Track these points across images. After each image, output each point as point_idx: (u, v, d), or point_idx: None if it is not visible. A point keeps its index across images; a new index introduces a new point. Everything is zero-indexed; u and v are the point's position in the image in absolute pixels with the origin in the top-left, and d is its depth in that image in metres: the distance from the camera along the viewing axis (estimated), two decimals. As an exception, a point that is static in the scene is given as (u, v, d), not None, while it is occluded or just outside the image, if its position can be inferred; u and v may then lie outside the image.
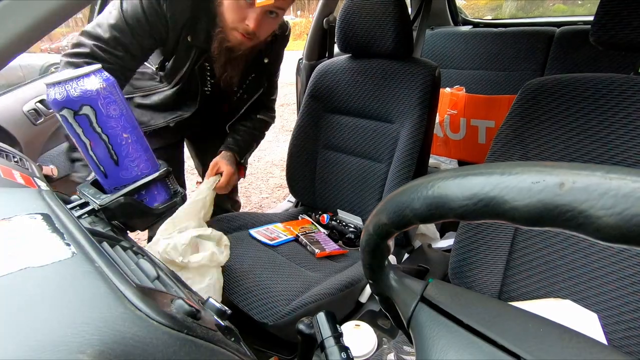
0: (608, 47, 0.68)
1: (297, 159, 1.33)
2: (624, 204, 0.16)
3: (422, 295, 0.32)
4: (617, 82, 0.68)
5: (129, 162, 0.43)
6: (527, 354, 0.24)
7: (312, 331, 0.42)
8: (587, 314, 0.52)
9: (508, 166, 0.21)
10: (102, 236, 0.37)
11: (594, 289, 0.67)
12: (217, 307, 0.37)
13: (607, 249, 0.66)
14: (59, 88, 0.38)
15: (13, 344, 0.20)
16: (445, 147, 1.88)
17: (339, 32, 1.19)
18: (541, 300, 0.57)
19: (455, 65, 2.00)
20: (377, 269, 0.33)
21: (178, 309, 0.29)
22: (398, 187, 0.27)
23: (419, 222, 0.25)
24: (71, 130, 0.40)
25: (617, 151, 0.67)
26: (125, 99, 0.44)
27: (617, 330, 0.64)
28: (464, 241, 0.80)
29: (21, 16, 0.46)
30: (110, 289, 0.25)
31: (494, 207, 0.20)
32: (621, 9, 0.65)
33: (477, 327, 0.27)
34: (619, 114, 0.67)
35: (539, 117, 0.74)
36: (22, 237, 0.28)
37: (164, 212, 0.47)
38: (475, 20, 2.30)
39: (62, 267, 0.26)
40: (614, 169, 0.18)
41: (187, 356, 0.25)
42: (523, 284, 0.74)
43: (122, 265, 0.32)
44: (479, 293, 0.32)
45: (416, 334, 0.30)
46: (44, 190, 0.37)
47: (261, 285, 0.95)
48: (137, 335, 0.23)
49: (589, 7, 5.90)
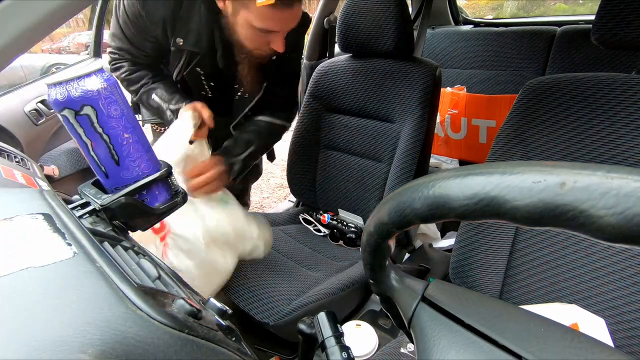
0: (609, 46, 0.68)
1: (298, 159, 1.33)
2: (625, 203, 0.16)
3: (423, 295, 0.32)
4: (618, 82, 0.68)
5: (130, 162, 0.43)
6: (529, 354, 0.24)
7: (312, 331, 0.42)
8: (594, 319, 0.51)
9: (509, 166, 0.21)
10: (103, 236, 0.37)
11: (595, 289, 0.67)
12: (218, 307, 0.37)
13: (609, 249, 0.66)
14: (60, 88, 0.38)
15: (14, 343, 0.20)
16: (446, 147, 1.88)
17: (339, 31, 1.19)
18: (546, 304, 0.57)
19: (456, 65, 2.00)
20: (378, 268, 0.33)
21: (179, 309, 0.29)
22: (399, 187, 0.27)
23: (420, 222, 0.25)
24: (72, 130, 0.40)
25: (618, 151, 0.67)
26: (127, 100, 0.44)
27: (619, 330, 0.64)
28: (465, 241, 0.80)
29: (22, 16, 0.46)
30: (111, 289, 0.25)
31: (494, 206, 0.20)
32: (622, 8, 0.64)
33: (478, 327, 0.27)
34: (620, 113, 0.67)
35: (540, 116, 0.74)
36: (24, 237, 0.28)
37: (165, 212, 0.47)
38: (476, 20, 2.30)
39: (63, 267, 0.26)
40: (615, 169, 0.17)
41: (188, 356, 0.25)
42: (524, 284, 0.73)
43: (123, 265, 0.32)
44: (480, 293, 0.32)
45: (417, 334, 0.30)
46: (45, 191, 0.37)
47: (262, 285, 0.95)
48: (139, 335, 0.23)
49: (590, 7, 5.88)
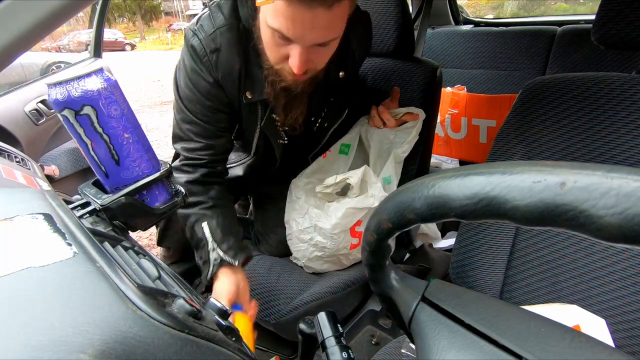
0: (609, 46, 0.68)
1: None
2: (626, 203, 0.16)
3: (423, 295, 0.32)
4: (618, 82, 0.68)
5: (130, 162, 0.43)
6: (529, 354, 0.24)
7: (313, 331, 0.42)
8: (594, 320, 0.51)
9: (509, 166, 0.21)
10: (104, 236, 0.37)
11: (595, 289, 0.67)
12: (218, 307, 0.37)
13: (609, 249, 0.66)
14: (61, 88, 0.38)
15: (14, 343, 0.20)
16: (447, 147, 1.88)
17: (339, 31, 1.19)
18: (547, 305, 0.57)
19: (456, 65, 1.99)
20: (378, 268, 0.33)
21: (179, 309, 0.29)
22: (399, 186, 0.27)
23: (420, 222, 0.25)
24: (72, 130, 0.40)
25: (619, 150, 0.67)
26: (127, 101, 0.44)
27: (620, 330, 0.64)
28: (465, 241, 0.80)
29: (23, 16, 0.46)
30: (111, 289, 0.25)
31: (495, 206, 0.20)
32: (623, 7, 0.64)
33: (478, 327, 0.27)
34: (620, 113, 0.67)
35: (540, 116, 0.74)
36: (24, 237, 0.28)
37: (165, 211, 0.47)
38: (476, 20, 2.30)
39: (63, 267, 0.26)
40: (615, 169, 0.17)
41: (188, 356, 0.25)
42: (524, 284, 0.73)
43: (123, 265, 0.32)
44: (480, 293, 0.32)
45: (417, 334, 0.30)
46: (45, 191, 0.37)
47: (262, 283, 0.95)
48: (139, 335, 0.23)
49: (590, 6, 5.89)
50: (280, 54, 0.70)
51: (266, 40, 0.71)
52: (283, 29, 0.65)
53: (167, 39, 28.36)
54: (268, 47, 0.72)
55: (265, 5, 0.65)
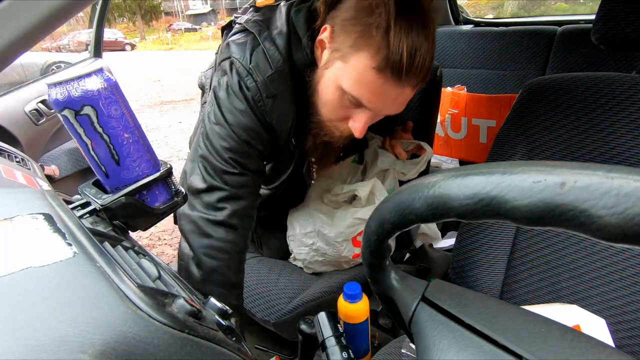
0: (609, 46, 0.68)
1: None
2: (626, 203, 0.16)
3: (423, 294, 0.32)
4: (618, 82, 0.68)
5: (130, 162, 0.43)
6: (529, 354, 0.24)
7: (313, 331, 0.42)
8: (594, 320, 0.51)
9: (509, 166, 0.21)
10: (104, 236, 0.37)
11: (596, 289, 0.67)
12: (219, 307, 0.37)
13: (609, 249, 0.66)
14: (61, 88, 0.38)
15: (14, 343, 0.20)
16: (447, 147, 1.87)
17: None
18: (547, 305, 0.57)
19: (456, 65, 1.99)
20: (378, 268, 0.33)
21: (179, 309, 0.29)
22: (399, 187, 0.27)
23: (420, 222, 0.25)
24: (72, 130, 0.40)
25: (619, 150, 0.67)
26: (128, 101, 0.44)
27: (620, 330, 0.64)
28: (465, 241, 0.80)
29: (23, 16, 0.46)
30: (111, 289, 0.25)
31: (495, 206, 0.20)
32: (622, 7, 0.64)
33: (478, 327, 0.27)
34: (620, 113, 0.67)
35: (540, 116, 0.74)
36: (24, 237, 0.28)
37: (166, 211, 0.47)
38: (476, 20, 2.30)
39: (63, 266, 0.26)
40: (615, 169, 0.17)
41: (188, 356, 0.25)
42: (525, 284, 0.73)
43: (123, 265, 0.32)
44: (481, 293, 0.32)
45: (417, 334, 0.30)
46: (45, 191, 0.37)
47: (263, 283, 0.95)
48: (139, 335, 0.23)
49: (590, 6, 5.89)
50: (342, 115, 0.69)
51: (330, 99, 0.68)
52: (364, 99, 0.63)
53: (167, 39, 28.39)
54: (329, 105, 0.69)
55: (337, 66, 0.64)
